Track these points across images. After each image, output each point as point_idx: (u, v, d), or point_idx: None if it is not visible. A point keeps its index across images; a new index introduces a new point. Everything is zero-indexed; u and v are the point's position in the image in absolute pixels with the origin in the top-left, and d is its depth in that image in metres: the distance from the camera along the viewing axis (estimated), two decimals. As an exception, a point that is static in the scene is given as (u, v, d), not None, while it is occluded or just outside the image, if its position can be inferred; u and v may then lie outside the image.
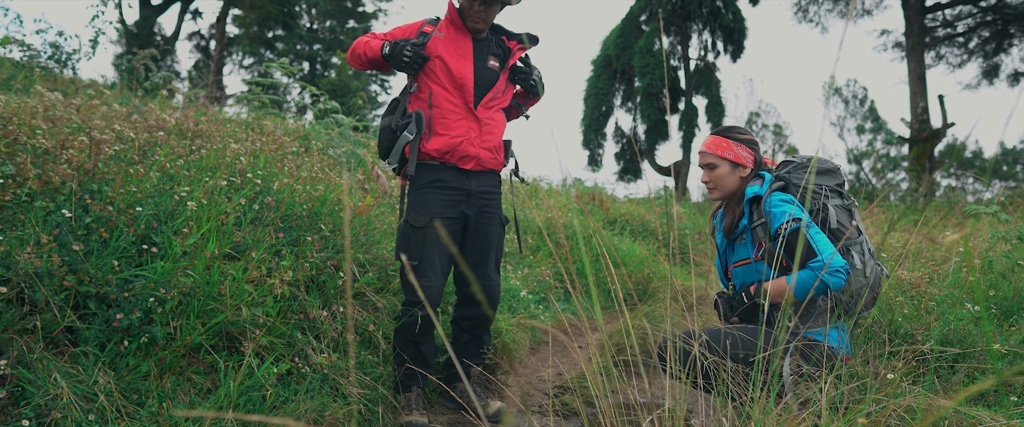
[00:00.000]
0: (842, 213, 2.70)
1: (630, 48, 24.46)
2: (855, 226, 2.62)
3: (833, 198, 2.70)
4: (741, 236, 2.80)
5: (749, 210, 2.73)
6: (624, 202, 12.37)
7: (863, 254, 2.61)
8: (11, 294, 2.47)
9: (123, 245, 2.77)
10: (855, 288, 2.56)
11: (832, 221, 2.62)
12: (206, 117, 4.80)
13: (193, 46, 29.21)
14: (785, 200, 2.62)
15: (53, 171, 2.84)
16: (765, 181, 2.76)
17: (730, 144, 2.80)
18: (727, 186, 2.82)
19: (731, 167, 2.80)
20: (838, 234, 2.63)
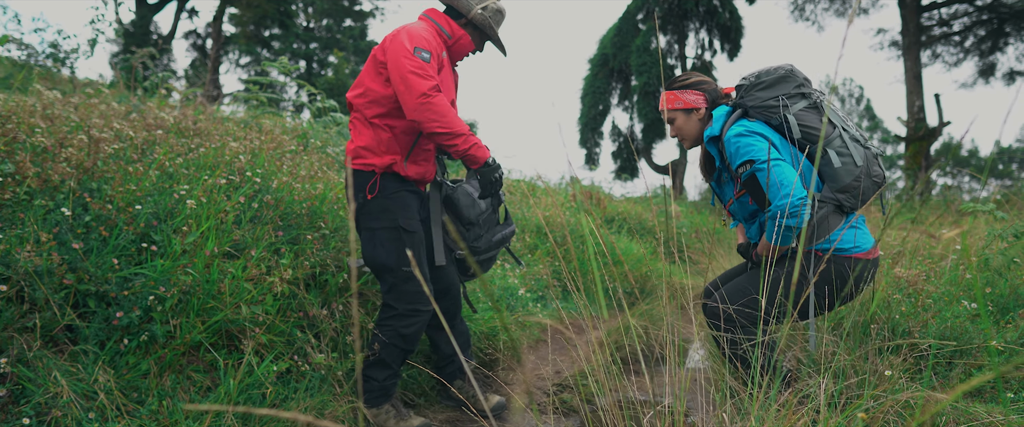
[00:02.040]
0: (808, 114, 2.66)
1: (627, 47, 24.48)
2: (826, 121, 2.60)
3: (795, 103, 2.67)
4: (721, 176, 2.85)
5: (717, 151, 2.75)
6: (622, 201, 12.38)
7: (844, 145, 2.60)
8: (11, 292, 2.47)
9: (123, 243, 2.77)
10: (848, 182, 2.56)
11: (795, 131, 2.61)
12: (204, 115, 4.80)
13: (189, 45, 29.15)
14: (739, 135, 2.61)
15: (52, 169, 2.84)
16: (714, 118, 2.76)
17: (676, 94, 2.86)
18: (690, 133, 2.88)
19: (685, 115, 2.85)
20: (809, 137, 2.62)
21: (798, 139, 2.62)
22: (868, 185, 2.60)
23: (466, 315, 3.86)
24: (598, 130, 26.26)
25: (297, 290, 3.17)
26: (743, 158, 2.56)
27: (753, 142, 2.57)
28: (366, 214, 2.93)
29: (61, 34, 4.80)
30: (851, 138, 2.65)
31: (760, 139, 2.57)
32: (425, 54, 2.81)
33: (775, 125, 2.66)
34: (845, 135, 2.63)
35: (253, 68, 30.67)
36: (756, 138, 2.58)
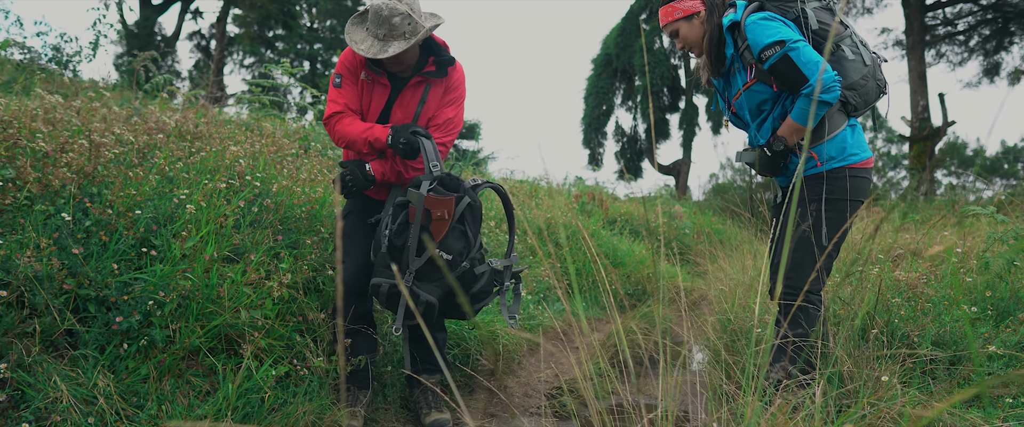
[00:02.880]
0: (822, 12, 2.77)
1: (631, 47, 24.45)
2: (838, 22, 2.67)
3: (811, 1, 2.77)
4: (732, 67, 2.87)
5: (732, 38, 2.79)
6: (624, 201, 12.37)
7: (855, 46, 2.73)
8: (11, 297, 2.48)
9: (123, 248, 2.78)
10: (857, 79, 2.67)
11: (812, 23, 2.71)
12: (206, 119, 4.82)
13: (193, 46, 29.23)
14: (763, 18, 2.69)
15: (53, 174, 2.85)
16: (738, 7, 2.81)
17: (673, 6, 2.89)
18: (697, 38, 2.91)
19: (687, 22, 2.88)
20: (822, 33, 2.72)
21: (814, 31, 2.71)
22: (873, 86, 2.72)
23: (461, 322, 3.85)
24: (602, 130, 26.24)
25: (296, 294, 3.18)
26: (771, 39, 2.62)
27: (779, 26, 2.65)
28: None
29: (64, 37, 4.82)
30: (860, 41, 2.78)
31: (783, 24, 2.67)
32: (337, 79, 3.09)
33: (791, 19, 2.73)
34: (855, 37, 2.76)
35: (257, 69, 30.72)
36: (779, 23, 2.67)
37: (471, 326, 3.80)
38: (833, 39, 2.72)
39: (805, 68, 2.58)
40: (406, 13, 2.88)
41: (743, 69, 2.83)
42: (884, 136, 33.63)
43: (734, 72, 2.89)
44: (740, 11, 2.79)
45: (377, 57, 2.88)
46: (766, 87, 2.78)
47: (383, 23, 2.87)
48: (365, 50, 2.90)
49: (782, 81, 2.66)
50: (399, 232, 2.85)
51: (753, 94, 2.83)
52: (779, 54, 2.60)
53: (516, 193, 8.97)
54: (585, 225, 7.46)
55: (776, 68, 2.64)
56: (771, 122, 2.84)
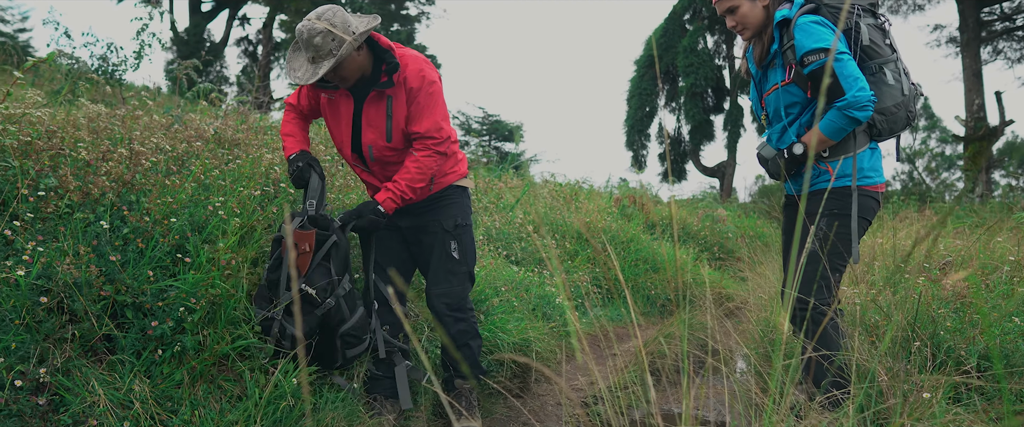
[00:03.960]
0: (875, 32, 2.73)
1: (674, 47, 24.20)
2: (888, 44, 2.71)
3: (866, 17, 2.73)
4: (772, 62, 2.83)
5: (779, 34, 2.75)
6: (666, 204, 12.23)
7: (898, 73, 2.69)
8: (51, 303, 2.54)
9: (158, 255, 2.83)
10: (889, 105, 2.64)
11: (864, 38, 2.67)
12: (246, 125, 4.89)
13: (241, 52, 29.80)
14: (814, 22, 2.65)
15: (93, 183, 2.92)
16: (795, 4, 2.76)
17: None
18: (754, 21, 2.83)
19: (750, 1, 2.80)
20: (870, 52, 2.68)
21: (864, 46, 2.68)
22: (903, 116, 2.69)
23: (500, 324, 3.83)
24: (645, 132, 26.00)
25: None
26: (818, 44, 2.58)
27: (829, 33, 2.61)
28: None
29: (111, 47, 4.95)
30: (904, 69, 2.74)
31: (833, 32, 2.63)
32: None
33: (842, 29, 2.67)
34: (900, 64, 2.72)
35: (303, 73, 31.15)
36: (829, 30, 2.63)
37: (504, 332, 3.78)
38: (877, 60, 2.67)
39: (845, 81, 2.55)
40: (325, 30, 2.77)
41: (782, 66, 2.78)
42: (937, 136, 32.66)
43: (773, 66, 2.84)
44: (795, 9, 2.75)
45: (310, 82, 2.81)
46: (799, 91, 2.73)
47: (308, 46, 2.80)
48: (300, 77, 2.85)
49: (818, 89, 2.60)
50: (274, 267, 2.85)
51: (785, 94, 2.79)
52: (822, 61, 2.56)
53: (556, 196, 8.94)
54: (625, 230, 7.38)
55: (816, 75, 2.61)
56: (797, 128, 2.77)
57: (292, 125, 3.19)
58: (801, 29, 2.66)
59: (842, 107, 2.53)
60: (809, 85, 2.69)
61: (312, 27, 2.77)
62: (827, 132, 2.58)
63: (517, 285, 4.78)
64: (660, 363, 4.33)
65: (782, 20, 2.75)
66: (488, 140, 28.27)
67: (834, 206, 2.67)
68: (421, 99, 2.93)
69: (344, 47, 2.78)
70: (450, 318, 3.16)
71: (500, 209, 6.74)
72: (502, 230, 5.97)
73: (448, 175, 3.21)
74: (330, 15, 2.81)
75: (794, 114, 2.79)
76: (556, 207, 8.20)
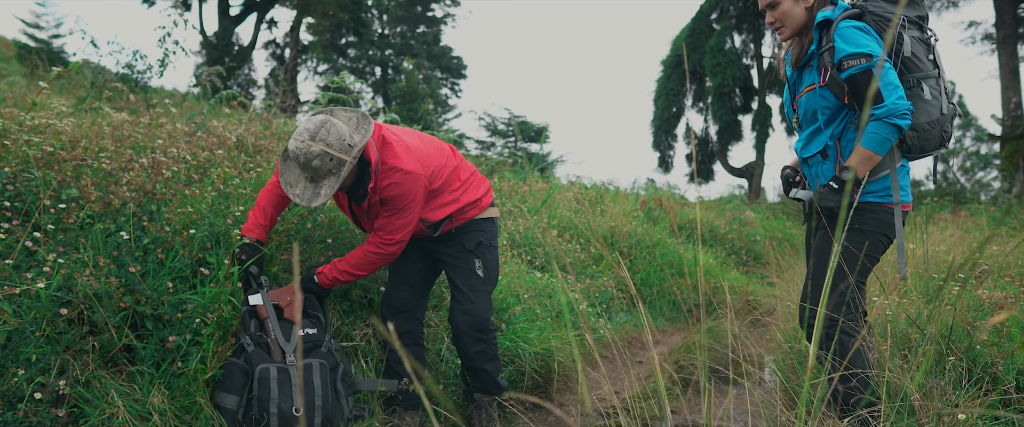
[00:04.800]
0: (918, 45, 2.65)
1: (701, 47, 23.98)
2: (931, 60, 2.63)
3: (911, 29, 2.65)
4: (808, 63, 2.74)
5: (819, 35, 2.67)
6: (693, 206, 12.10)
7: (937, 90, 2.61)
8: (71, 314, 2.55)
9: (178, 266, 2.83)
10: (923, 122, 2.55)
11: (906, 49, 2.59)
12: (269, 131, 4.90)
13: (269, 55, 30.09)
14: (855, 27, 2.57)
15: (114, 194, 2.93)
16: (838, 6, 2.68)
17: None
18: (795, 20, 2.73)
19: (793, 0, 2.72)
20: (910, 64, 2.60)
21: (906, 57, 2.60)
22: (936, 135, 2.60)
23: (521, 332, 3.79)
24: (672, 132, 25.80)
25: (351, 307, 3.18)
26: (860, 49, 2.50)
27: (871, 40, 2.54)
28: None
29: (136, 55, 4.99)
30: (945, 88, 2.65)
31: (875, 40, 2.55)
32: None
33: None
34: (941, 82, 2.64)
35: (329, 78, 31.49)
36: (872, 37, 2.56)
37: (525, 342, 3.73)
38: (917, 74, 2.58)
39: (885, 89, 2.46)
40: (321, 152, 2.68)
41: (818, 69, 2.69)
42: (973, 134, 32.00)
43: (809, 68, 2.76)
44: (838, 12, 2.66)
45: (312, 205, 2.76)
46: (831, 96, 2.65)
47: (305, 168, 2.72)
48: (300, 196, 2.77)
49: (857, 95, 2.52)
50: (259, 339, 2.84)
51: (816, 98, 2.70)
52: (863, 66, 2.48)
53: (581, 200, 8.87)
54: (651, 234, 7.29)
55: (855, 79, 2.51)
56: (827, 138, 2.69)
57: (271, 194, 3.02)
58: (841, 34, 2.57)
59: (882, 116, 2.44)
60: (845, 90, 2.60)
61: (308, 150, 2.66)
62: (872, 146, 2.47)
63: (540, 291, 4.74)
64: (687, 369, 4.25)
65: (823, 21, 2.66)
66: (514, 141, 28.27)
67: (860, 222, 2.58)
68: (388, 207, 2.90)
69: (345, 168, 2.73)
70: (470, 337, 3.11)
71: (525, 213, 6.70)
72: (526, 235, 5.92)
73: (469, 210, 3.15)
74: (325, 134, 2.69)
75: (822, 120, 2.71)
76: (581, 210, 8.14)
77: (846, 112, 2.66)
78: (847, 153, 2.65)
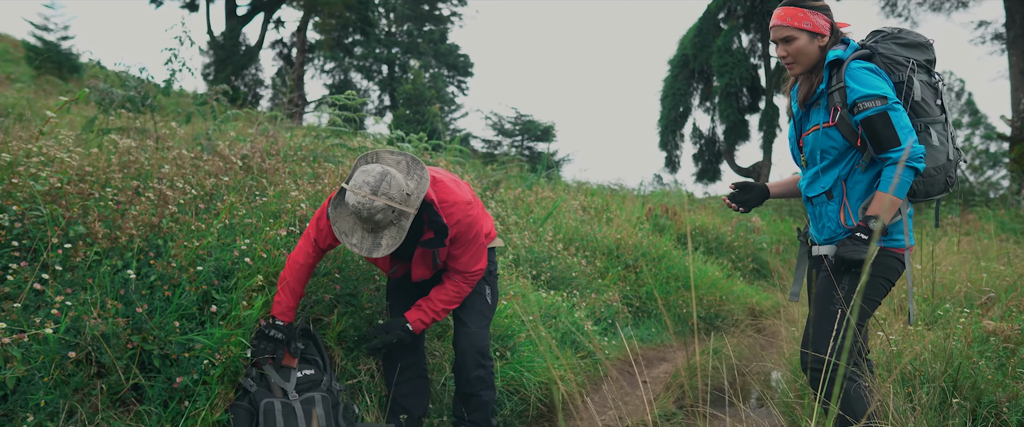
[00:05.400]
0: (927, 90, 2.65)
1: (708, 47, 23.88)
2: (939, 105, 2.64)
3: (920, 73, 2.65)
4: (817, 101, 2.73)
5: (828, 74, 2.66)
6: (699, 212, 12.08)
7: (944, 136, 2.62)
8: (79, 356, 2.57)
9: (185, 303, 2.84)
10: (929, 167, 2.56)
11: (916, 93, 2.59)
12: (276, 148, 4.91)
13: (276, 54, 30.16)
14: (867, 68, 2.57)
15: (121, 231, 2.94)
16: (849, 46, 2.68)
17: (806, 13, 2.68)
18: (808, 57, 2.71)
19: (809, 37, 2.68)
20: (918, 109, 2.60)
21: (916, 101, 2.60)
22: (941, 180, 2.61)
23: (525, 361, 3.79)
24: (679, 132, 25.73)
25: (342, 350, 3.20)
26: (874, 90, 2.49)
27: (882, 82, 2.54)
28: None
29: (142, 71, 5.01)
30: (952, 134, 2.67)
31: (886, 82, 2.56)
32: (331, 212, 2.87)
33: (893, 82, 2.62)
34: (948, 128, 2.65)
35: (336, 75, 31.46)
36: (882, 79, 2.56)
37: (529, 371, 3.73)
38: (924, 119, 2.57)
39: (900, 131, 2.45)
40: (384, 206, 2.66)
41: (826, 108, 2.68)
42: (982, 133, 31.83)
43: (817, 106, 2.74)
44: (849, 52, 2.66)
45: (372, 255, 2.74)
46: (839, 136, 2.63)
47: (366, 221, 2.71)
48: (357, 246, 2.75)
49: (873, 137, 2.50)
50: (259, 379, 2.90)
51: (824, 137, 2.68)
52: (879, 109, 2.46)
53: (587, 209, 8.87)
54: (657, 245, 7.29)
55: (871, 122, 2.48)
56: (832, 179, 2.67)
57: (299, 271, 2.97)
58: (853, 75, 2.56)
59: (898, 158, 2.43)
60: (859, 132, 2.59)
61: (371, 205, 2.64)
62: (896, 191, 2.44)
63: (546, 312, 4.74)
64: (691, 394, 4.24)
65: (834, 60, 2.65)
66: (521, 140, 28.22)
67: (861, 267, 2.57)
68: (460, 242, 2.96)
69: (408, 219, 2.74)
70: (473, 361, 3.12)
71: (530, 224, 6.70)
72: (531, 249, 5.92)
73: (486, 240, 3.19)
74: (386, 187, 2.67)
75: (829, 160, 2.69)
76: (586, 220, 8.14)
77: (853, 153, 2.64)
78: (853, 194, 2.64)
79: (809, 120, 2.78)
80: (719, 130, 24.93)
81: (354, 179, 2.71)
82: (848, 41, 2.71)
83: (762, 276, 9.17)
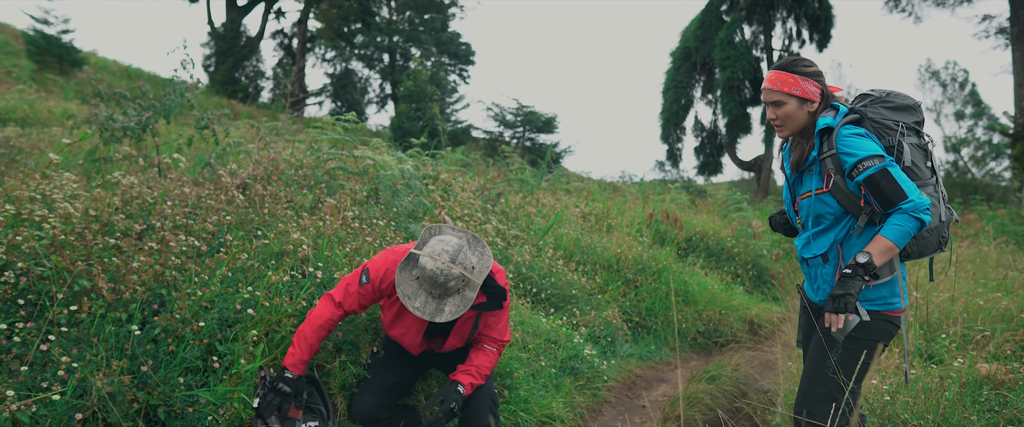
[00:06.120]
0: (917, 152, 2.69)
1: (710, 39, 23.81)
2: (929, 167, 2.69)
3: (909, 136, 2.69)
4: (809, 167, 2.76)
5: (819, 141, 2.70)
6: (700, 214, 12.10)
7: (936, 197, 2.66)
8: (86, 414, 2.62)
9: (190, 357, 2.89)
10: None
11: (906, 158, 2.63)
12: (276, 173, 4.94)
13: (276, 45, 30.08)
14: (857, 134, 2.61)
15: (124, 285, 2.98)
16: (839, 113, 2.72)
17: (797, 79, 2.71)
18: (796, 123, 2.75)
19: (799, 103, 2.72)
20: (910, 173, 2.65)
21: (906, 167, 2.64)
22: (934, 241, 2.66)
23: (524, 401, 3.83)
24: (680, 125, 25.71)
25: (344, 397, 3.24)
26: (869, 152, 2.53)
27: (875, 144, 2.58)
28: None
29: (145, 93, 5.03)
30: (943, 195, 2.70)
31: (878, 145, 2.60)
32: (364, 278, 3.06)
33: (883, 146, 2.66)
34: (939, 189, 2.69)
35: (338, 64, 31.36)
36: (874, 142, 2.60)
37: (524, 411, 3.77)
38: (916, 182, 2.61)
39: (905, 185, 2.49)
40: (459, 275, 2.88)
41: (819, 174, 2.71)
42: (985, 124, 31.73)
43: (810, 172, 2.77)
44: (839, 118, 2.69)
45: (434, 319, 2.89)
46: (834, 202, 2.66)
47: (434, 285, 2.87)
48: (420, 310, 2.88)
49: (879, 194, 2.52)
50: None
51: (818, 203, 2.71)
52: (879, 166, 2.49)
53: (588, 217, 8.89)
54: (657, 258, 7.32)
55: (874, 180, 2.51)
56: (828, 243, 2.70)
57: (319, 329, 3.03)
58: (844, 141, 2.59)
59: (909, 210, 2.45)
60: (860, 196, 2.60)
61: (449, 272, 2.85)
62: (894, 237, 2.47)
63: (546, 339, 4.78)
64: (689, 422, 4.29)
65: (825, 128, 2.68)
66: (522, 132, 28.21)
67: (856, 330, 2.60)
68: (499, 312, 3.23)
69: (473, 290, 2.94)
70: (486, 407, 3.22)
71: (530, 237, 6.73)
72: (531, 265, 5.95)
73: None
74: (462, 258, 2.91)
75: (826, 224, 2.72)
76: (587, 228, 8.16)
77: (848, 218, 2.68)
78: (848, 258, 2.67)
79: (802, 185, 2.81)
80: (721, 123, 24.92)
81: (430, 246, 2.93)
82: (838, 107, 2.74)
83: (763, 282, 9.19)
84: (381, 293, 3.09)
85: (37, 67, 17.36)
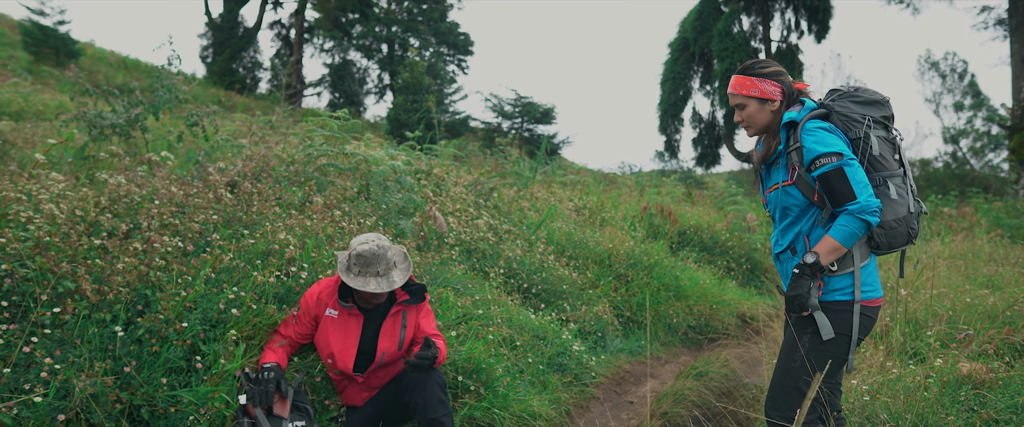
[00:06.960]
0: (885, 145, 2.73)
1: (709, 30, 23.74)
2: (897, 159, 2.71)
3: (877, 129, 2.73)
4: (776, 161, 2.83)
5: (786, 135, 2.75)
6: (696, 207, 12.11)
7: (904, 189, 2.70)
8: (69, 415, 2.64)
9: (173, 358, 2.91)
10: (889, 220, 2.64)
11: (874, 149, 2.68)
12: (267, 170, 4.95)
13: (274, 35, 29.98)
14: (822, 128, 2.66)
15: (109, 284, 3.00)
16: (805, 107, 2.77)
17: (754, 81, 2.80)
18: (759, 122, 2.85)
19: (759, 104, 2.81)
20: (876, 163, 2.69)
21: (874, 156, 2.68)
22: (903, 232, 2.68)
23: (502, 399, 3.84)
24: (678, 116, 25.67)
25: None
26: (828, 149, 2.58)
27: (838, 140, 2.63)
28: None
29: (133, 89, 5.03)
30: (912, 187, 2.74)
31: (841, 140, 2.65)
32: (295, 310, 3.34)
33: (850, 139, 2.71)
34: (908, 181, 2.73)
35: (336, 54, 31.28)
36: (838, 137, 2.65)
37: (503, 406, 3.77)
38: (883, 173, 2.63)
39: (856, 186, 2.54)
40: (390, 245, 3.26)
41: (785, 167, 2.75)
42: (983, 115, 31.69)
43: (776, 166, 2.82)
44: (804, 112, 2.73)
45: (393, 288, 3.19)
46: (799, 194, 2.71)
47: (379, 260, 3.18)
48: (376, 289, 3.15)
49: (830, 192, 2.58)
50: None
51: (784, 196, 2.77)
52: (835, 165, 2.55)
53: (582, 210, 8.90)
54: (648, 253, 7.33)
55: (827, 177, 2.57)
56: (794, 235, 2.74)
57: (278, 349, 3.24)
58: (809, 134, 2.64)
59: (855, 211, 2.52)
60: (816, 189, 2.66)
61: (382, 244, 3.22)
62: (840, 238, 2.55)
63: (535, 335, 4.80)
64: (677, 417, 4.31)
65: (789, 122, 2.72)
66: (520, 122, 28.18)
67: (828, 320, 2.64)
68: (426, 310, 3.49)
69: (406, 260, 3.38)
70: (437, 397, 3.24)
71: (523, 232, 6.75)
72: (522, 260, 5.97)
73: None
74: (382, 240, 3.26)
75: (791, 217, 2.77)
76: (580, 222, 8.17)
77: (814, 210, 2.72)
78: None
79: (770, 179, 2.88)
80: (719, 114, 24.87)
81: (353, 243, 3.26)
82: (804, 102, 2.79)
83: (756, 276, 9.22)
84: (314, 319, 3.30)
85: (33, 59, 17.31)
